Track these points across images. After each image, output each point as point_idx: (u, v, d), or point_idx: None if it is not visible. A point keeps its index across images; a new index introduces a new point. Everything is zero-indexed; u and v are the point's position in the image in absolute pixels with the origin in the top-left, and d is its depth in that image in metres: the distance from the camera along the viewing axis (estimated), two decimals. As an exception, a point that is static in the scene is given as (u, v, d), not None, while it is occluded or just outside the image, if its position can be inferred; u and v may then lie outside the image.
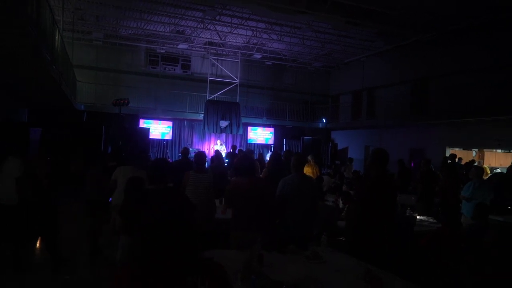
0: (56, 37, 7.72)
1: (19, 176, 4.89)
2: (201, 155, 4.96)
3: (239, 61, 17.51)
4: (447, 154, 11.75)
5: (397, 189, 3.89)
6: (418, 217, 5.03)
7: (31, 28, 4.90)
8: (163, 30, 14.61)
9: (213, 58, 17.29)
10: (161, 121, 16.58)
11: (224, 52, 17.48)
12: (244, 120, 16.82)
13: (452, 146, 12.60)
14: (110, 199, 5.03)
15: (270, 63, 18.34)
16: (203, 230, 3.79)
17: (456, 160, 10.67)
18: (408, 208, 5.07)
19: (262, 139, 18.64)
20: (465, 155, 12.47)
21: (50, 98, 10.46)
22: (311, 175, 7.99)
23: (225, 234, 3.71)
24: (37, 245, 5.81)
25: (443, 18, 11.19)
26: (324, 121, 18.77)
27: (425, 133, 13.37)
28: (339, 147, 18.16)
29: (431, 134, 13.10)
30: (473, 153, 13.04)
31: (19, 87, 8.75)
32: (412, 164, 12.53)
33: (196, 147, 16.71)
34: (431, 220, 5.11)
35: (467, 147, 12.83)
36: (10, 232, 5.05)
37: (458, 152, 12.63)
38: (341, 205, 5.64)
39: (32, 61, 5.73)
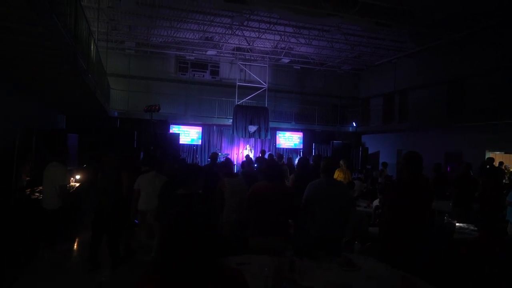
0: (92, 47, 8.04)
1: (63, 184, 5.10)
2: (228, 162, 4.99)
3: (267, 65, 17.56)
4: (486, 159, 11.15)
5: (432, 193, 3.74)
6: (457, 224, 4.79)
7: (69, 39, 5.13)
8: (192, 37, 14.91)
9: (241, 64, 17.43)
10: (191, 127, 16.87)
11: (252, 57, 17.58)
12: (272, 124, 16.80)
13: (492, 149, 11.94)
14: None
15: (298, 67, 18.24)
16: (242, 235, 3.76)
17: (496, 164, 10.11)
18: (446, 215, 4.83)
19: (291, 143, 18.52)
20: (508, 159, 11.81)
21: (86, 106, 10.90)
22: (342, 180, 7.83)
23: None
24: (75, 246, 6.03)
25: (477, 14, 10.70)
26: (354, 124, 18.41)
27: (462, 136, 12.77)
28: (370, 151, 17.72)
29: (469, 137, 12.48)
30: (516, 156, 12.33)
31: (57, 96, 9.18)
32: (448, 168, 12.01)
33: (225, 152, 16.86)
34: (471, 227, 4.84)
35: (509, 150, 12.12)
36: (48, 234, 5.27)
37: (499, 156, 11.98)
38: (377, 203, 5.47)
39: (69, 70, 5.99)
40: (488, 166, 9.04)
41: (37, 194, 6.21)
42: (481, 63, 12.11)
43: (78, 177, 8.15)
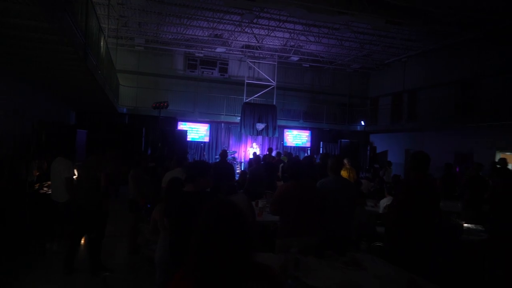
0: (102, 44, 8.10)
1: (68, 176, 5.17)
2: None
3: (276, 63, 17.51)
4: (497, 159, 10.98)
5: (439, 193, 3.70)
6: (465, 225, 4.73)
7: (80, 36, 5.17)
8: (202, 35, 14.93)
9: (250, 61, 17.42)
10: (199, 124, 16.92)
11: (261, 55, 17.55)
12: (280, 122, 16.78)
13: (504, 150, 11.76)
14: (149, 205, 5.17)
15: (307, 65, 18.17)
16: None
17: (510, 165, 9.93)
18: (454, 215, 4.77)
19: (299, 141, 18.48)
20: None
21: (95, 102, 11.00)
22: (347, 178, 7.78)
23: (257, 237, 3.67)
24: (82, 240, 6.09)
25: (491, 14, 10.52)
26: (363, 123, 18.29)
27: (473, 136, 12.59)
28: (378, 150, 17.60)
29: (479, 137, 12.31)
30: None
31: (67, 92, 9.28)
32: (457, 169, 11.86)
33: (233, 149, 16.89)
34: (479, 228, 4.79)
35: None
36: (61, 227, 5.34)
37: (510, 156, 11.78)
38: (384, 205, 5.44)
39: (80, 67, 6.05)
40: (499, 166, 8.91)
41: (45, 188, 6.29)
42: (492, 63, 11.95)
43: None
